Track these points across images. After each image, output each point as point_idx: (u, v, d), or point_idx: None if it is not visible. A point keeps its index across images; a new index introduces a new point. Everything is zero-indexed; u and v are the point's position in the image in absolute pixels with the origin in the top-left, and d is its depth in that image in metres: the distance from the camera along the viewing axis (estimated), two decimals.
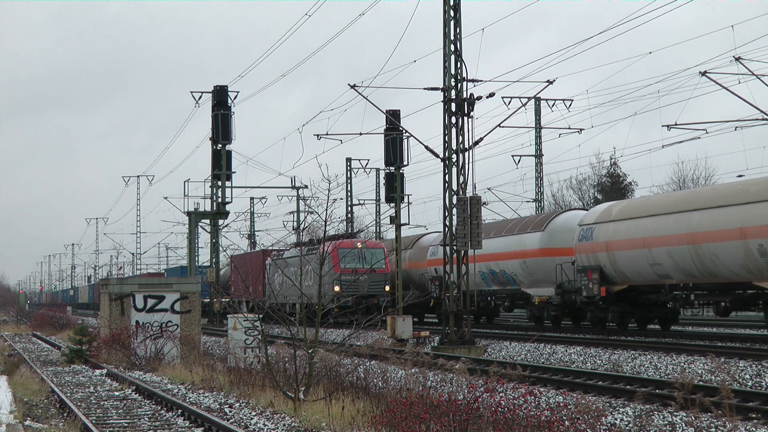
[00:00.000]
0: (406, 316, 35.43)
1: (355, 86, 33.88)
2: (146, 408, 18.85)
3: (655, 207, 30.10)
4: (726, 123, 36.45)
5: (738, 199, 26.32)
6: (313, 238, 42.01)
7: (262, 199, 77.05)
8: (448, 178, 31.13)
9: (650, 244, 29.31)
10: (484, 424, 12.24)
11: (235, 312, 33.37)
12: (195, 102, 52.14)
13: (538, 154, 59.96)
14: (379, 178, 67.62)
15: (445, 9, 30.77)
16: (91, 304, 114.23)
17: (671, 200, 30.12)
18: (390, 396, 16.23)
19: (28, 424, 16.23)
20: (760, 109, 34.09)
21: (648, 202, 31.52)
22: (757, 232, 25.23)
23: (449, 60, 30.82)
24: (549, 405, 15.86)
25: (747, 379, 20.29)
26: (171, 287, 31.17)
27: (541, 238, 36.42)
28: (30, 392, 21.51)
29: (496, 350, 30.56)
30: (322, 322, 18.46)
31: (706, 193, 29.34)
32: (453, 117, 30.86)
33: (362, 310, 37.60)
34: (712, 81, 32.64)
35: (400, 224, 43.82)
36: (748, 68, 32.19)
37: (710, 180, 62.93)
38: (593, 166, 70.39)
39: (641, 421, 15.05)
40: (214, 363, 26.37)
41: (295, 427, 14.98)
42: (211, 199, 51.98)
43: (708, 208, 27.32)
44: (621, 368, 23.64)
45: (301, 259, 27.54)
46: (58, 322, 61.73)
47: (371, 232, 72.81)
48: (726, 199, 26.80)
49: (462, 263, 31.11)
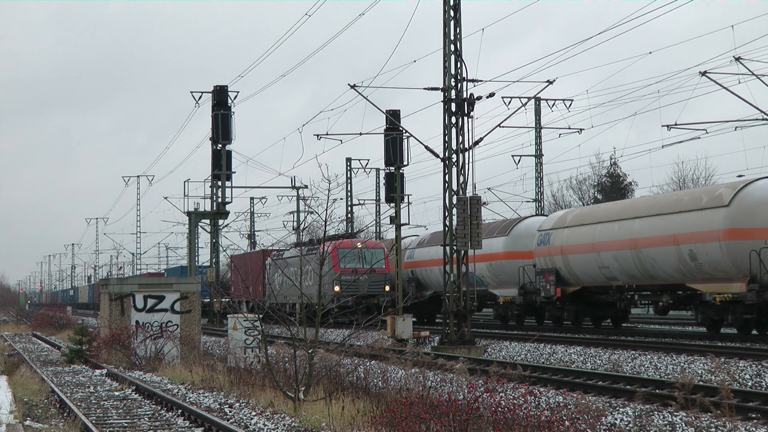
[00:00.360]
0: (406, 315, 35.56)
1: (355, 86, 33.89)
2: (146, 408, 18.85)
3: (603, 215, 32.93)
4: (726, 123, 36.48)
5: (672, 209, 29.13)
6: (313, 238, 42.04)
7: (262, 199, 77.11)
8: (448, 178, 31.13)
9: (599, 248, 32.06)
10: (484, 424, 12.24)
11: (235, 312, 33.38)
12: (195, 102, 52.22)
13: (538, 154, 59.96)
14: (379, 178, 67.67)
15: (445, 9, 30.77)
16: (91, 304, 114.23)
17: (617, 209, 32.97)
18: (390, 396, 16.23)
19: (28, 424, 16.23)
20: (760, 109, 34.09)
21: (597, 210, 34.57)
22: (688, 238, 28.03)
23: (449, 60, 30.82)
24: (549, 405, 15.86)
25: (747, 379, 20.29)
26: (171, 287, 31.16)
27: (505, 243, 39.18)
28: (30, 392, 21.51)
29: (496, 350, 30.56)
30: (322, 322, 18.46)
31: (646, 202, 32.04)
32: (453, 117, 30.86)
33: (362, 310, 37.60)
34: (712, 81, 32.64)
35: (400, 224, 43.82)
36: (748, 68, 32.20)
37: (710, 180, 62.93)
38: (593, 166, 70.46)
39: (641, 421, 15.05)
40: (214, 363, 26.36)
41: (295, 427, 14.98)
42: (211, 199, 52.00)
43: (647, 216, 30.08)
44: (621, 368, 23.65)
45: (301, 259, 27.57)
46: (58, 322, 61.73)
47: (371, 232, 72.84)
48: (662, 209, 29.64)
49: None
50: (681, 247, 28.26)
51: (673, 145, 74.77)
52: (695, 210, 28.00)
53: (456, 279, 31.17)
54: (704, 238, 27.48)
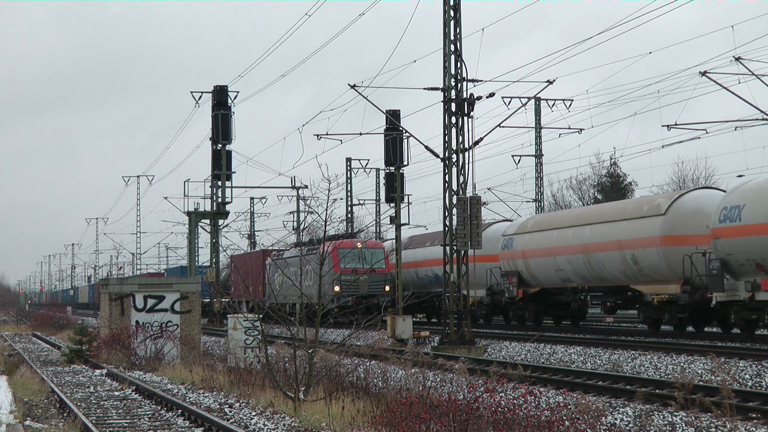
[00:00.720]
0: (406, 316, 35.62)
1: (355, 86, 33.88)
2: (146, 408, 18.85)
3: (559, 221, 35.67)
4: (726, 123, 36.44)
5: (617, 217, 31.85)
6: (313, 238, 42.08)
7: (262, 199, 77.05)
8: (448, 178, 31.13)
9: (555, 252, 34.54)
10: (484, 424, 12.24)
11: (235, 312, 33.37)
12: (195, 102, 52.20)
13: (538, 154, 59.94)
14: (379, 178, 67.65)
15: (445, 9, 30.77)
16: (91, 304, 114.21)
17: (571, 216, 35.97)
18: (390, 396, 16.23)
19: (28, 424, 16.23)
20: (760, 109, 34.06)
21: (554, 217, 37.65)
22: (631, 244, 30.59)
23: (449, 60, 30.82)
24: (549, 405, 15.85)
25: (747, 379, 20.29)
26: (171, 287, 31.15)
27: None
28: (30, 392, 21.51)
29: (496, 350, 30.56)
30: (322, 322, 18.45)
31: (596, 210, 35.35)
32: (453, 117, 30.86)
33: (362, 310, 37.61)
34: (712, 81, 32.60)
35: (400, 224, 43.82)
36: (748, 68, 32.16)
37: (710, 180, 62.92)
38: (593, 166, 70.43)
39: (641, 421, 15.05)
40: (214, 363, 26.36)
41: (295, 427, 14.98)
42: (211, 199, 51.98)
43: (596, 223, 32.81)
44: (621, 368, 23.64)
45: (301, 259, 27.57)
46: (58, 322, 61.71)
47: (371, 232, 72.81)
48: (608, 216, 32.43)
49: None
50: (625, 252, 30.83)
51: (673, 145, 74.83)
52: (637, 218, 30.62)
53: (456, 279, 31.17)
54: (644, 243, 29.98)
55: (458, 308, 31.09)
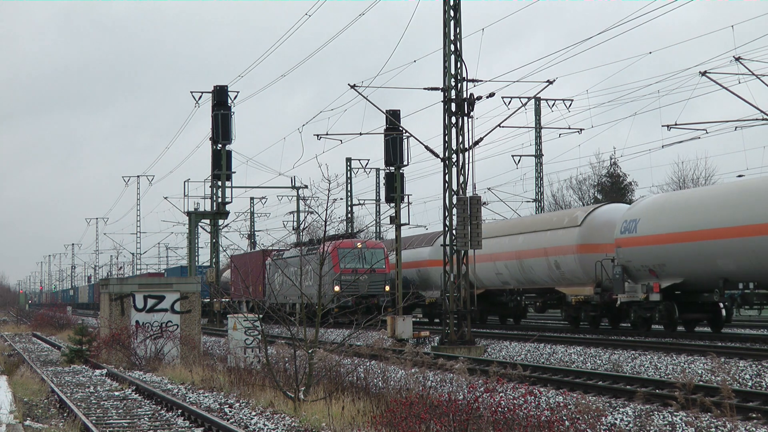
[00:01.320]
0: (406, 316, 35.66)
1: (355, 86, 33.88)
2: (146, 408, 18.85)
3: (499, 230, 39.55)
4: (726, 123, 36.47)
5: (544, 227, 36.09)
6: (313, 238, 42.05)
7: (262, 199, 77.09)
8: (448, 178, 31.13)
9: (495, 258, 38.32)
10: (484, 424, 12.23)
11: (235, 312, 33.37)
12: (195, 102, 52.19)
13: (538, 154, 59.94)
14: (379, 178, 67.64)
15: (445, 9, 30.77)
16: (91, 304, 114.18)
17: (509, 225, 40.28)
18: (390, 396, 16.22)
19: (28, 424, 16.23)
20: (760, 109, 34.08)
21: (496, 226, 41.24)
22: (554, 251, 34.80)
23: (449, 60, 30.82)
24: (549, 405, 15.85)
25: (747, 379, 20.28)
26: (171, 287, 31.14)
27: (430, 252, 45.42)
28: (30, 392, 21.51)
29: (496, 350, 30.56)
30: (322, 322, 18.46)
31: (527, 221, 39.57)
32: (453, 117, 30.86)
33: (362, 310, 37.60)
34: (712, 81, 32.63)
35: (400, 224, 43.82)
36: (748, 68, 32.19)
37: (710, 180, 62.91)
38: (593, 166, 70.41)
39: (641, 421, 15.05)
40: (214, 363, 26.35)
41: (295, 427, 14.98)
42: (211, 199, 51.97)
43: (527, 232, 36.97)
44: (621, 368, 23.64)
45: (301, 259, 27.56)
46: (58, 322, 61.71)
47: (371, 232, 72.80)
48: (537, 226, 36.72)
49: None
50: (549, 258, 35.13)
51: (673, 145, 74.89)
52: (559, 228, 34.87)
53: (456, 279, 31.16)
54: (565, 251, 34.23)
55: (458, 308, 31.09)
